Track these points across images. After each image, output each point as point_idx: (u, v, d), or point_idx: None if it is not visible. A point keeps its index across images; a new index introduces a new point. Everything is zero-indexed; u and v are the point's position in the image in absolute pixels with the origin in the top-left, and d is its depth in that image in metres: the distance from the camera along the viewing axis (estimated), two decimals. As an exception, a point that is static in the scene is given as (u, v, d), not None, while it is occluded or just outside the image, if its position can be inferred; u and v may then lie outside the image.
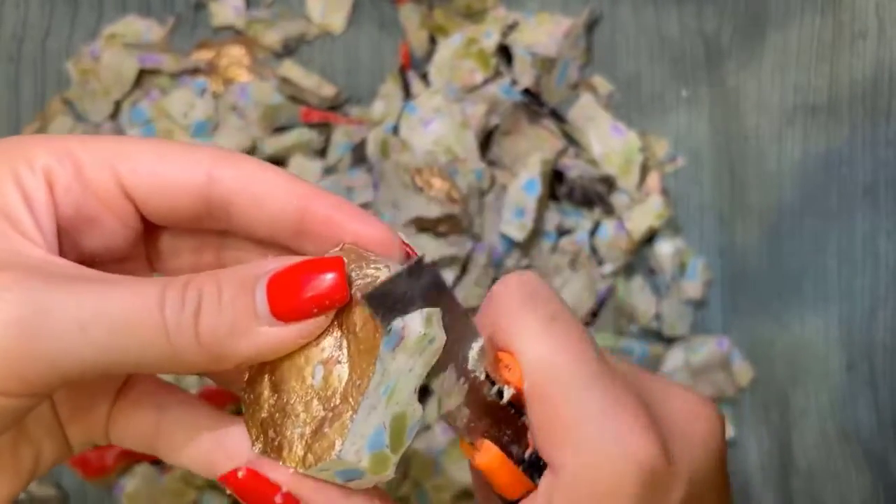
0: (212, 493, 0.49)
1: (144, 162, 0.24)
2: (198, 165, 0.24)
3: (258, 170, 0.24)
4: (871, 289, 0.52)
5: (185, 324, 0.21)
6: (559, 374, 0.25)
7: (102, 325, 0.21)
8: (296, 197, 0.24)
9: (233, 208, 0.25)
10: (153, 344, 0.21)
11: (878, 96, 0.53)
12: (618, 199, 0.52)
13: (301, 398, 0.23)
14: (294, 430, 0.23)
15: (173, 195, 0.24)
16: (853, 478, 0.52)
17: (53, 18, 0.54)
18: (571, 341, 0.25)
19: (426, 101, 0.51)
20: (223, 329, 0.21)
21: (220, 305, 0.22)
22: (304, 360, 0.23)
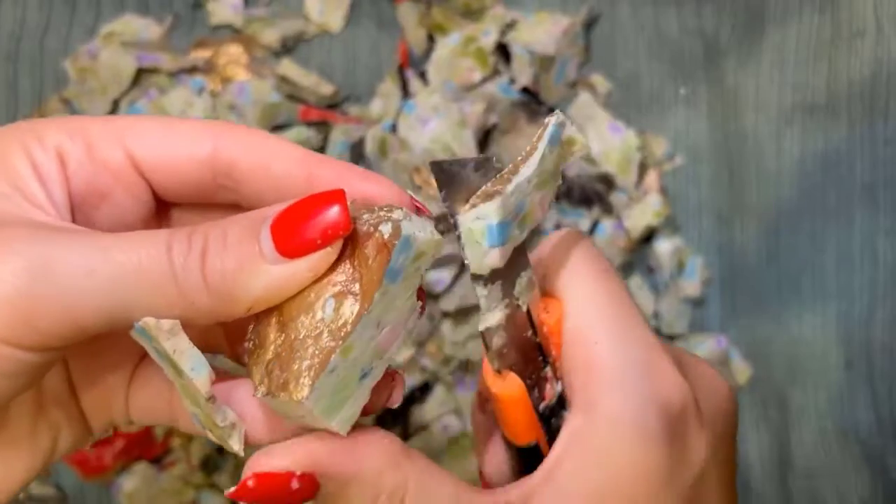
0: (210, 492, 0.49)
1: (152, 136, 0.24)
2: (203, 136, 0.24)
3: (262, 137, 0.25)
4: (869, 287, 0.52)
5: (191, 265, 0.21)
6: (606, 318, 0.26)
7: (110, 269, 0.21)
8: (301, 161, 0.24)
9: (239, 175, 0.25)
10: (161, 287, 0.21)
11: (877, 95, 0.53)
12: (616, 197, 0.52)
13: (310, 332, 0.22)
14: (302, 362, 0.22)
15: (181, 167, 0.24)
16: (851, 475, 0.52)
17: (51, 17, 0.54)
18: (614, 287, 0.26)
19: (424, 100, 0.51)
20: (230, 269, 0.21)
21: (226, 246, 0.22)
22: (313, 296, 0.22)
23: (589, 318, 0.26)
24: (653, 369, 0.25)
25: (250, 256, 0.22)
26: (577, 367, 0.26)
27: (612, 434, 0.24)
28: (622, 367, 0.25)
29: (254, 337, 0.23)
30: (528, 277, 0.26)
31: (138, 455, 0.49)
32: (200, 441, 0.49)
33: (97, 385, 0.26)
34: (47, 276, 0.21)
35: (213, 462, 0.49)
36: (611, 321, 0.26)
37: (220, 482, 0.49)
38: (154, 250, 0.21)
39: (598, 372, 0.25)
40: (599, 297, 0.26)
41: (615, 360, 0.25)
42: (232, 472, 0.49)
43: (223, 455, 0.50)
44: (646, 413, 0.24)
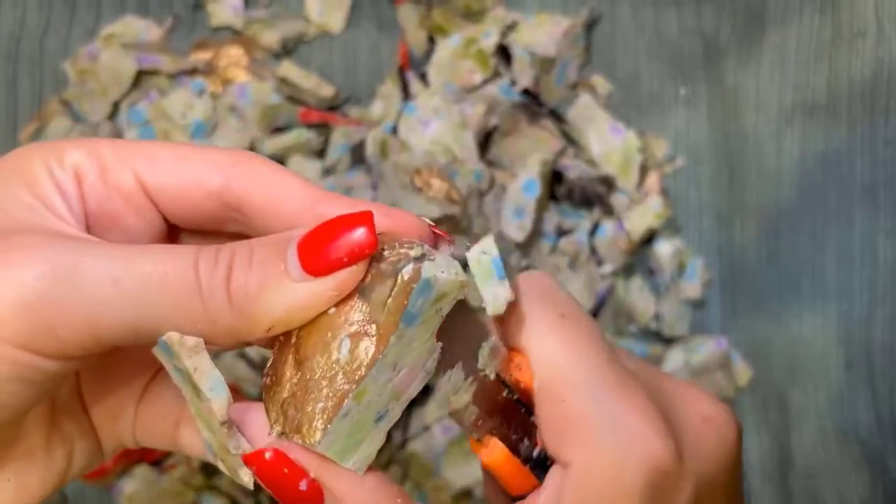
0: (210, 495, 0.49)
1: (164, 163, 0.24)
2: (215, 168, 0.24)
3: (274, 173, 0.25)
4: (869, 288, 0.52)
5: (217, 281, 0.21)
6: (569, 372, 0.25)
7: (135, 280, 0.21)
8: (311, 199, 0.24)
9: (249, 210, 0.25)
10: (185, 301, 0.21)
11: (877, 96, 0.53)
12: (617, 199, 0.52)
13: (325, 373, 0.22)
14: (316, 405, 0.22)
15: (191, 196, 0.24)
16: (852, 476, 0.52)
17: (51, 18, 0.54)
18: (582, 339, 0.25)
19: (425, 102, 0.51)
20: (254, 285, 0.22)
21: (252, 264, 0.22)
22: (330, 335, 0.22)
23: (551, 372, 0.25)
24: (626, 421, 0.25)
25: (276, 274, 0.22)
26: (551, 423, 0.25)
27: (586, 493, 0.24)
28: (592, 424, 0.24)
29: (271, 372, 0.23)
30: (489, 347, 0.25)
31: (139, 458, 0.49)
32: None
33: (107, 400, 0.26)
34: (71, 283, 0.21)
35: (213, 465, 0.49)
36: (579, 376, 0.25)
37: (221, 485, 0.49)
38: (181, 263, 0.21)
39: (571, 429, 0.25)
40: (557, 349, 0.25)
41: (585, 417, 0.24)
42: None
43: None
44: (620, 469, 0.24)
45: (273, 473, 0.23)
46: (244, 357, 0.50)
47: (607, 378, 0.25)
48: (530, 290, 0.26)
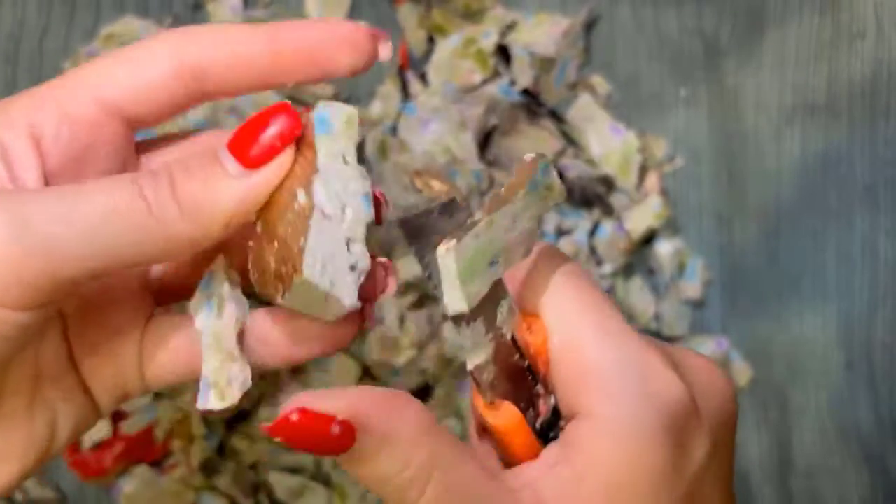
0: (210, 495, 0.49)
1: (118, 73, 0.25)
2: (165, 53, 0.25)
3: (220, 31, 0.25)
4: (869, 287, 0.52)
5: (163, 196, 0.22)
6: (585, 326, 0.25)
7: (86, 215, 0.21)
8: (262, 38, 0.25)
9: (210, 76, 0.25)
10: (139, 223, 0.22)
11: (877, 96, 0.53)
12: (617, 199, 0.52)
13: (296, 221, 0.23)
14: (297, 241, 0.23)
15: (152, 91, 0.25)
16: (852, 476, 0.52)
17: (51, 19, 0.54)
18: (594, 296, 0.26)
19: (425, 102, 0.51)
20: (199, 190, 0.22)
21: (190, 171, 0.22)
22: (284, 198, 0.23)
23: (573, 328, 0.26)
24: (645, 369, 0.25)
25: (216, 174, 0.22)
26: (569, 377, 0.25)
27: (611, 437, 0.24)
28: (614, 371, 0.25)
29: (255, 270, 0.24)
30: (508, 306, 0.26)
31: (138, 458, 0.49)
32: (200, 444, 0.49)
33: (102, 354, 0.26)
34: (26, 229, 0.21)
35: (212, 465, 0.49)
36: (596, 328, 0.25)
37: (220, 485, 0.49)
38: (125, 190, 0.22)
39: (591, 379, 0.25)
40: (581, 307, 0.26)
41: (606, 365, 0.25)
42: (232, 474, 0.49)
43: (223, 458, 0.50)
44: (643, 414, 0.24)
45: (304, 431, 0.22)
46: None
47: (625, 335, 0.25)
48: (549, 259, 0.26)
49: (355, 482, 0.49)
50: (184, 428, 0.49)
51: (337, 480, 0.49)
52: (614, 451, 0.24)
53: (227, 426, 0.49)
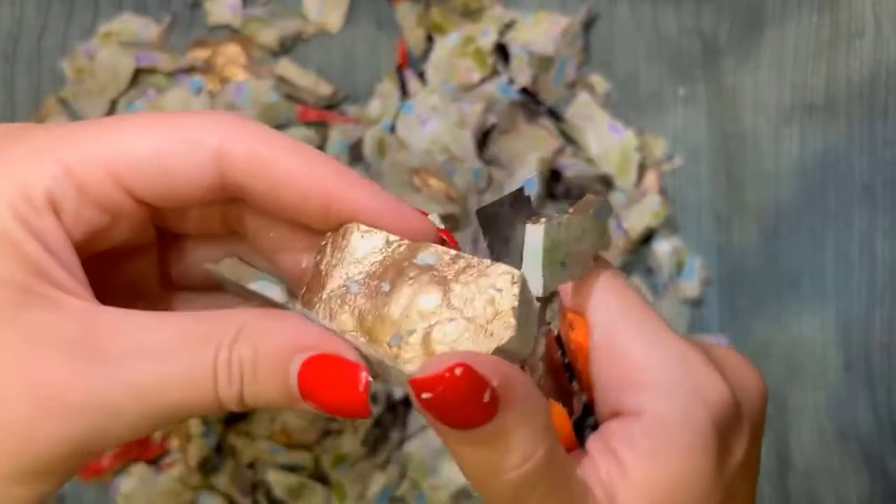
0: (208, 494, 0.49)
1: (145, 162, 0.23)
2: (205, 154, 0.23)
3: (274, 152, 0.23)
4: (868, 288, 0.52)
5: (233, 395, 0.23)
6: (628, 324, 0.25)
7: (165, 407, 0.22)
8: (319, 184, 0.23)
9: (248, 195, 0.24)
10: (208, 408, 0.23)
11: (875, 95, 0.53)
12: (615, 198, 0.52)
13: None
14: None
15: (183, 191, 0.23)
16: (850, 476, 0.52)
17: (49, 17, 0.54)
18: (638, 298, 0.26)
19: (423, 100, 0.51)
20: (264, 400, 0.23)
21: (258, 383, 0.23)
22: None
23: (617, 327, 0.25)
24: (691, 369, 0.25)
25: (280, 395, 0.23)
26: (612, 376, 0.25)
27: (663, 436, 0.24)
28: (661, 370, 0.25)
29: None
30: (557, 300, 0.26)
31: (136, 456, 0.49)
32: (198, 442, 0.49)
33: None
34: (107, 422, 0.22)
35: (210, 463, 0.49)
36: (639, 328, 0.25)
37: (218, 483, 0.49)
38: (205, 385, 0.22)
39: (638, 377, 0.25)
40: (625, 308, 0.26)
41: (653, 364, 0.25)
42: (230, 473, 0.49)
43: (221, 457, 0.49)
44: (692, 412, 0.24)
45: (458, 391, 0.21)
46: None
47: (664, 330, 0.25)
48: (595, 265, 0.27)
49: (353, 481, 0.49)
50: (182, 427, 0.49)
51: (335, 479, 0.49)
52: (669, 448, 0.24)
53: (225, 425, 0.49)
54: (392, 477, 0.49)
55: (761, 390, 0.28)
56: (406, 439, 0.50)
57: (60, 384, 0.21)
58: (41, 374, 0.21)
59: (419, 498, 0.49)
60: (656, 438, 0.24)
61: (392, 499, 0.49)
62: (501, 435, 0.22)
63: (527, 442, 0.22)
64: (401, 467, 0.49)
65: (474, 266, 0.23)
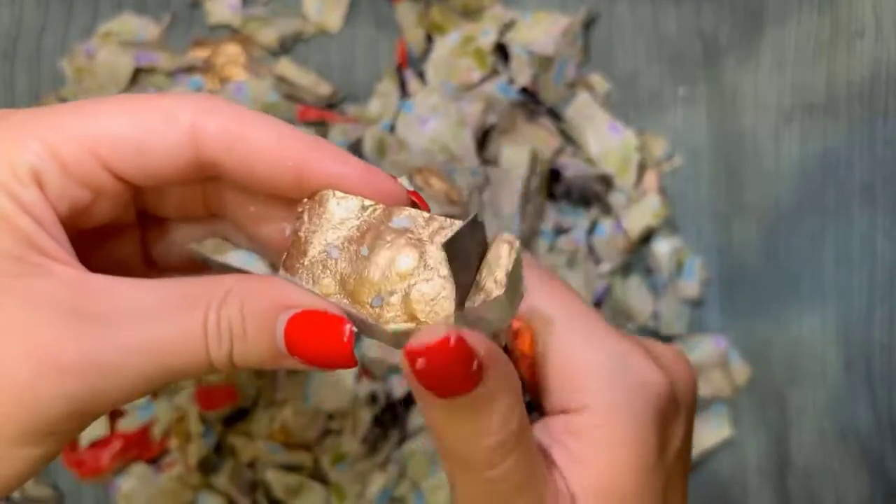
0: (208, 493, 0.49)
1: (125, 140, 0.24)
2: (179, 131, 0.24)
3: (246, 127, 0.24)
4: (868, 288, 0.52)
5: (223, 354, 0.24)
6: (568, 325, 0.27)
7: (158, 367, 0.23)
8: (290, 154, 0.24)
9: (222, 170, 0.25)
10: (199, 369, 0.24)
11: (876, 95, 0.53)
12: (615, 197, 0.52)
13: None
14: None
15: (162, 169, 0.24)
16: (850, 476, 0.52)
17: (48, 16, 0.54)
18: (572, 297, 0.28)
19: (423, 100, 0.51)
20: (253, 359, 0.24)
21: (247, 342, 0.24)
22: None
23: (559, 329, 0.27)
24: (629, 362, 0.27)
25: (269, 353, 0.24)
26: (558, 377, 0.27)
27: (608, 426, 0.26)
28: (603, 367, 0.27)
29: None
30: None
31: (136, 456, 0.49)
32: (198, 442, 0.49)
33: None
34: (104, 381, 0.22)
35: (210, 463, 0.49)
36: (579, 328, 0.27)
37: (218, 483, 0.49)
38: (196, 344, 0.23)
39: (583, 375, 0.26)
40: (563, 310, 0.27)
41: (595, 362, 0.27)
42: (230, 473, 0.49)
43: (221, 456, 0.49)
44: (635, 402, 0.26)
45: (451, 360, 0.22)
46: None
47: (601, 328, 0.28)
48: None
49: (353, 481, 0.49)
50: (181, 426, 0.49)
51: (335, 479, 0.49)
52: (614, 437, 0.26)
53: (224, 424, 0.49)
54: (392, 477, 0.49)
55: (692, 379, 0.30)
56: (406, 439, 0.50)
57: (56, 346, 0.22)
58: (38, 338, 0.22)
59: (419, 498, 0.49)
60: (602, 428, 0.26)
61: (392, 499, 0.50)
62: (485, 401, 0.23)
63: (505, 409, 0.24)
64: (400, 467, 0.49)
65: (447, 227, 0.24)
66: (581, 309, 0.28)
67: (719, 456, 0.52)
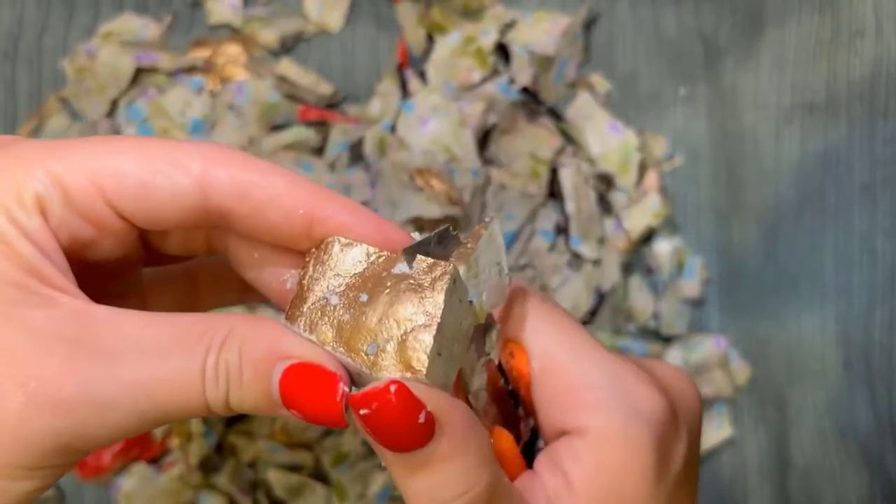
0: (208, 493, 0.49)
1: (130, 179, 0.24)
2: (188, 176, 0.24)
3: (256, 175, 0.24)
4: (868, 287, 0.52)
5: (220, 398, 0.23)
6: (566, 346, 0.27)
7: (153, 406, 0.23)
8: (301, 204, 0.24)
9: (231, 218, 0.24)
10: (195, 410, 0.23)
11: (876, 95, 0.53)
12: (616, 197, 0.52)
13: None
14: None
15: (166, 212, 0.24)
16: (850, 476, 0.52)
17: (50, 16, 0.54)
18: (568, 320, 0.27)
19: (424, 100, 0.51)
20: (249, 405, 0.24)
21: (243, 387, 0.23)
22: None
23: (553, 351, 0.27)
24: (626, 384, 0.26)
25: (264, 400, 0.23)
26: (554, 397, 0.26)
27: (606, 450, 0.25)
28: (600, 388, 0.26)
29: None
30: (495, 331, 0.27)
31: (137, 455, 0.49)
32: (199, 442, 0.49)
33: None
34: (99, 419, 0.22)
35: (211, 463, 0.49)
36: (573, 349, 0.27)
37: (219, 483, 0.49)
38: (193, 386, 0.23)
39: (578, 397, 0.26)
40: (557, 332, 0.27)
41: (591, 383, 0.26)
42: (231, 472, 0.49)
43: (222, 456, 0.50)
44: (632, 425, 0.26)
45: (393, 409, 0.22)
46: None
47: (597, 349, 0.27)
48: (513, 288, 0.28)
49: (353, 481, 0.49)
50: (182, 426, 0.49)
51: (336, 479, 0.49)
52: (613, 461, 0.25)
53: (225, 424, 0.50)
54: (387, 483, 0.49)
55: (696, 399, 0.29)
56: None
57: (51, 379, 0.21)
58: (33, 370, 0.21)
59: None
60: (599, 452, 0.25)
61: (392, 498, 0.50)
62: (440, 461, 0.23)
63: (468, 471, 0.23)
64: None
65: (450, 273, 0.23)
66: (575, 329, 0.27)
67: (719, 455, 0.53)
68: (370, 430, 0.22)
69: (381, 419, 0.22)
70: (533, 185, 0.51)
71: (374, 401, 0.22)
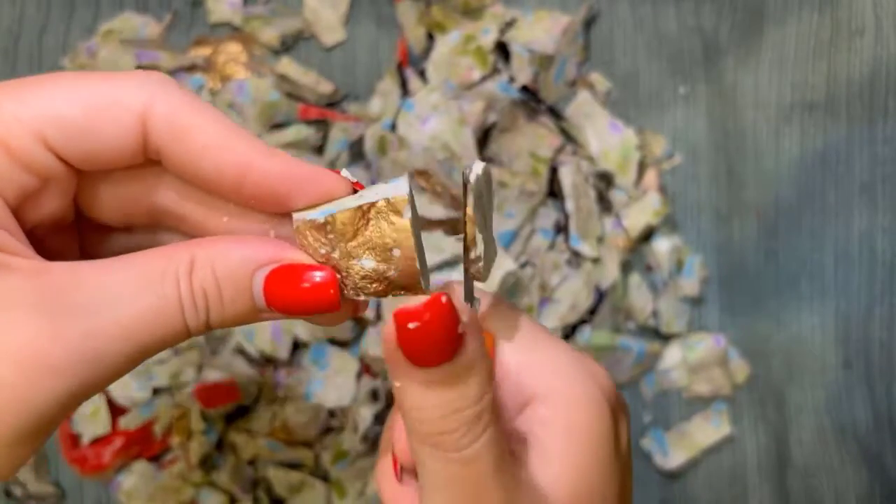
0: (209, 490, 0.49)
1: (71, 122, 0.23)
2: (129, 113, 0.23)
3: (198, 120, 0.24)
4: (867, 286, 0.53)
5: (201, 320, 0.24)
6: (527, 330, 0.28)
7: (139, 346, 0.23)
8: (235, 158, 0.24)
9: (166, 159, 0.24)
10: (177, 338, 0.24)
11: (875, 94, 0.53)
12: (615, 196, 0.52)
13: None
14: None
15: (108, 152, 0.24)
16: (849, 474, 0.52)
17: (50, 14, 0.54)
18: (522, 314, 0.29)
19: (424, 99, 0.51)
20: (230, 320, 0.24)
21: (224, 304, 0.24)
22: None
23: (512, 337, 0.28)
24: (584, 362, 0.28)
25: (247, 311, 0.24)
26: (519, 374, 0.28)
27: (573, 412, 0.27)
28: (559, 361, 0.28)
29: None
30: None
31: (137, 453, 0.50)
32: (199, 439, 0.49)
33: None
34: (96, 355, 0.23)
35: (211, 460, 0.50)
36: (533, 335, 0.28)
37: (219, 480, 0.49)
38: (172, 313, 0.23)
39: (543, 371, 0.27)
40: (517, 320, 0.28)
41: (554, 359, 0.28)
42: (231, 470, 0.49)
43: (222, 453, 0.50)
44: (592, 391, 0.27)
45: (441, 316, 0.23)
46: (242, 353, 0.50)
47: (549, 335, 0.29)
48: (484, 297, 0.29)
49: (353, 479, 0.49)
50: (183, 423, 0.49)
51: (335, 476, 0.49)
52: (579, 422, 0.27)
53: (226, 422, 0.50)
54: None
55: (612, 384, 0.31)
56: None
57: (39, 346, 0.21)
58: (16, 339, 0.21)
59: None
60: (566, 414, 0.27)
61: (392, 496, 0.50)
62: (464, 369, 0.24)
63: (482, 378, 0.24)
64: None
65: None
66: (531, 323, 0.29)
67: (719, 454, 0.53)
68: (409, 344, 0.23)
69: (428, 331, 0.22)
70: (533, 183, 0.51)
71: (426, 311, 0.22)
